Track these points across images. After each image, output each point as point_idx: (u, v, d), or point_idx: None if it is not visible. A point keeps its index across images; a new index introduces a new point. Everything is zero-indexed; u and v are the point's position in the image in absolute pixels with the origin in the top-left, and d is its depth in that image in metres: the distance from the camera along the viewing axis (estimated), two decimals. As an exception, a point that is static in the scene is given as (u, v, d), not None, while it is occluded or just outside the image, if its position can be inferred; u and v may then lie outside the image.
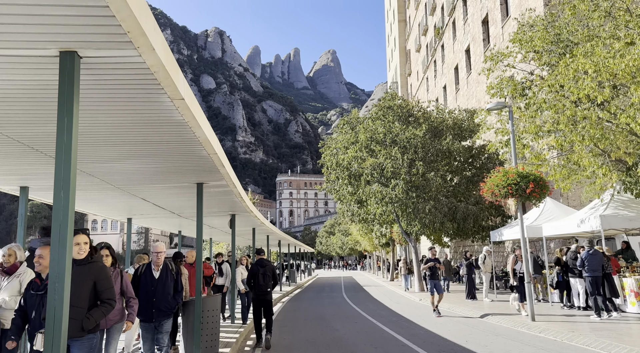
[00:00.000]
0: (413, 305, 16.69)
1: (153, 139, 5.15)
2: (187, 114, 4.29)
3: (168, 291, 5.51)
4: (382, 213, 20.78)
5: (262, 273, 8.97)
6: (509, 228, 16.84)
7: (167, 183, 7.70)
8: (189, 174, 7.11)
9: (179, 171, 6.87)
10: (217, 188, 8.30)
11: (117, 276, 4.92)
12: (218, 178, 7.42)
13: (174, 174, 7.06)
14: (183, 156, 5.97)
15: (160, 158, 6.01)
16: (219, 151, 5.96)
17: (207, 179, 7.51)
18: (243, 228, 17.19)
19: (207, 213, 11.78)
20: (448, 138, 19.98)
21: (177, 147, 5.52)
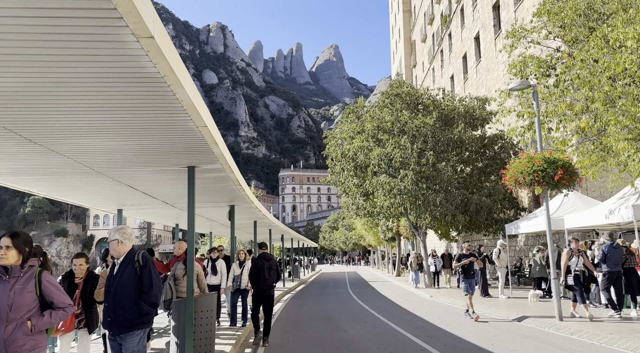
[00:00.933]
0: (424, 303, 15.74)
1: (124, 105, 4.17)
2: (161, 62, 3.31)
3: (125, 294, 3.97)
4: (389, 205, 19.79)
5: (268, 267, 8.68)
6: (526, 221, 15.81)
7: (153, 166, 6.73)
8: (177, 154, 6.13)
9: (165, 151, 5.90)
10: (212, 172, 7.33)
11: None
12: (211, 159, 6.45)
13: (160, 155, 6.09)
14: (166, 129, 5.00)
15: (138, 132, 5.04)
16: (209, 122, 4.98)
17: (198, 161, 6.54)
18: (244, 221, 16.24)
19: (203, 203, 10.82)
20: (460, 126, 18.94)
21: (157, 116, 4.53)
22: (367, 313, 13.12)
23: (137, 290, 4.02)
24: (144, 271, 4.06)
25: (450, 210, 18.01)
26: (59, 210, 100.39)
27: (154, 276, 4.07)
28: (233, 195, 9.95)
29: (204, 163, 6.65)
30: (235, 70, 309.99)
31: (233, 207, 11.48)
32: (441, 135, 19.06)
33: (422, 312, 12.96)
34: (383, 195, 18.94)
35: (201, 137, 5.28)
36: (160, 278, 4.15)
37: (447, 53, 37.90)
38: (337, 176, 23.51)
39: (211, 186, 8.74)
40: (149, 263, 4.06)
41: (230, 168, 7.11)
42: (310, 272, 46.05)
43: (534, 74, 11.72)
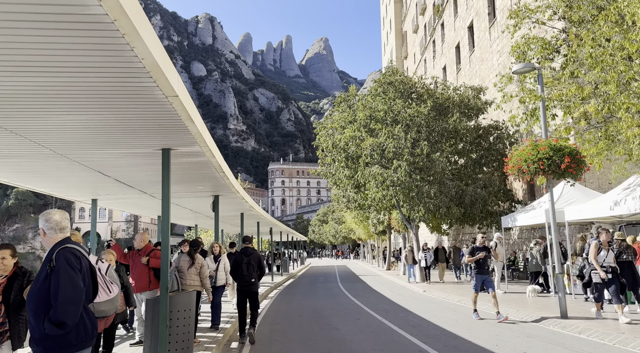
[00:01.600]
0: (418, 298, 15.15)
1: (71, 63, 3.38)
2: None
3: (30, 305, 2.97)
4: (382, 197, 19.15)
5: (247, 262, 8.31)
6: (523, 213, 15.28)
7: (122, 148, 5.95)
8: (148, 134, 5.36)
9: (133, 128, 5.13)
10: (190, 156, 6.57)
11: None
12: (188, 140, 5.69)
13: (128, 134, 5.32)
14: (130, 99, 4.23)
15: (97, 103, 4.26)
16: (181, 92, 4.22)
17: (174, 142, 5.78)
18: (230, 213, 15.49)
19: (184, 192, 10.05)
20: (455, 116, 18.31)
21: (116, 80, 3.76)
22: (359, 310, 12.48)
23: (45, 302, 2.94)
24: (53, 276, 2.94)
25: (445, 202, 17.42)
26: (43, 203, 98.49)
27: (65, 284, 2.91)
28: (217, 184, 9.20)
29: (180, 144, 5.88)
30: (224, 62, 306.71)
31: (217, 197, 10.74)
32: (435, 125, 18.43)
33: (417, 308, 12.35)
34: (375, 187, 18.28)
35: (173, 111, 4.51)
36: (81, 288, 3.00)
37: (440, 43, 37.27)
38: (327, 167, 22.81)
39: (191, 174, 7.98)
40: (62, 264, 2.95)
41: (212, 152, 6.35)
42: (299, 266, 45.43)
43: (536, 58, 11.08)
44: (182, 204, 12.28)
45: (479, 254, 10.03)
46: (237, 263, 8.30)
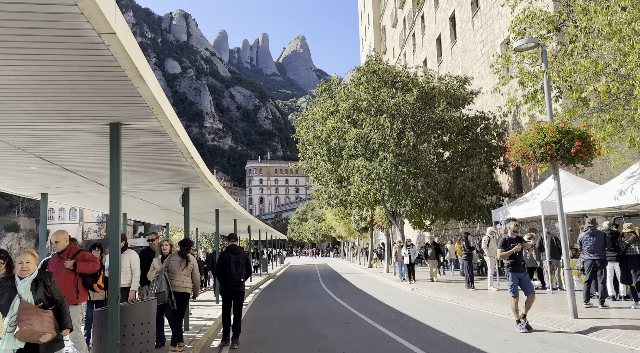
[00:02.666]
0: (407, 297, 14.20)
1: None
2: None
3: None
4: (366, 192, 18.16)
5: (235, 261, 7.88)
6: (516, 206, 14.50)
7: (60, 122, 4.73)
8: (89, 99, 4.17)
9: (66, 90, 3.92)
10: (148, 134, 5.37)
11: None
12: (142, 111, 4.51)
13: (61, 99, 4.11)
14: (52, 41, 3.04)
15: (11, 45, 3.06)
16: (121, 30, 3.05)
17: (124, 113, 4.60)
18: (203, 210, 14.21)
19: (148, 184, 8.80)
20: (442, 105, 17.44)
21: (26, 9, 2.58)
22: (346, 313, 11.43)
23: None
24: None
25: (432, 196, 16.54)
26: (9, 203, 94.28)
27: None
28: (186, 174, 8.00)
29: (132, 117, 4.69)
30: (200, 59, 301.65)
31: (187, 191, 9.51)
32: (422, 115, 17.52)
33: (409, 309, 11.38)
34: (360, 180, 17.25)
35: (112, 60, 3.34)
36: None
37: (420, 36, 36.59)
38: (308, 161, 21.71)
39: (154, 160, 6.76)
40: None
41: (174, 129, 5.17)
42: (278, 265, 44.21)
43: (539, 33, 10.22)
44: (148, 199, 10.99)
45: (513, 246, 7.85)
46: (225, 262, 7.83)
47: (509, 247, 7.92)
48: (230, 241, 8.24)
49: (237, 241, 8.34)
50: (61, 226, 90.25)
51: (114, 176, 4.84)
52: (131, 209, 13.10)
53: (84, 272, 5.29)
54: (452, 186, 16.86)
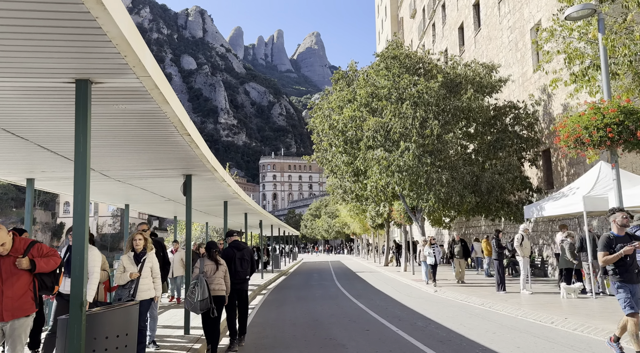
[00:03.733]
0: (432, 300, 13.02)
1: None
2: None
3: None
4: (384, 185, 16.98)
5: (240, 258, 7.50)
6: (552, 202, 13.18)
7: (17, 75, 3.68)
8: (50, 46, 3.10)
9: (22, 34, 2.87)
10: (128, 98, 4.30)
11: None
12: (114, 62, 3.44)
13: (18, 46, 3.05)
14: None
15: None
16: None
17: (92, 65, 3.52)
18: (211, 202, 13.19)
19: (145, 170, 7.77)
20: (469, 92, 16.14)
21: None
22: (365, 316, 10.30)
23: None
24: None
25: (458, 190, 15.28)
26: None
27: None
28: (185, 157, 6.95)
29: (103, 71, 3.62)
30: (215, 56, 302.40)
31: (189, 178, 8.46)
32: (447, 103, 16.25)
33: (436, 314, 10.20)
34: (378, 173, 16.03)
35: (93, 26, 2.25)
36: None
37: (440, 26, 35.13)
38: (323, 153, 20.58)
39: (143, 136, 5.71)
40: None
41: (161, 92, 4.10)
42: (291, 262, 43.25)
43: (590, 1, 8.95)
44: (149, 188, 9.99)
45: (621, 247, 5.55)
46: (229, 258, 7.43)
47: (615, 249, 5.58)
48: (233, 237, 7.74)
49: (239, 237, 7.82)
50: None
51: (81, 148, 3.78)
52: (133, 199, 12.14)
53: (44, 271, 3.99)
54: (480, 179, 15.59)
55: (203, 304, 6.50)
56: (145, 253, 6.23)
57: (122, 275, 6.01)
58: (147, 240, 6.41)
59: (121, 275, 6.01)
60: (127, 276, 5.97)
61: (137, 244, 6.21)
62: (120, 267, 6.12)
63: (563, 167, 17.77)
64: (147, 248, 6.31)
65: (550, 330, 8.02)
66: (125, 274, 6.01)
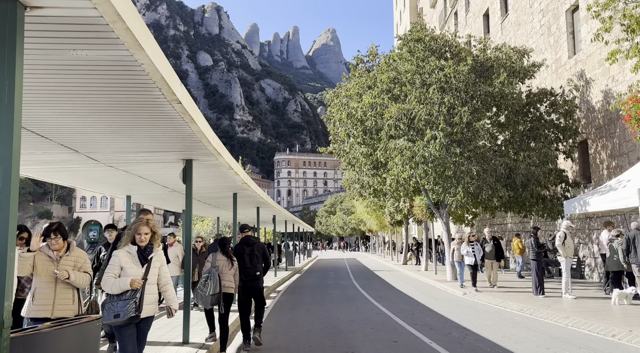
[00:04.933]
0: (462, 304, 11.73)
1: None
2: None
3: None
4: (407, 178, 15.69)
5: (249, 253, 7.22)
6: (598, 196, 11.75)
7: None
8: None
9: None
10: (83, 36, 3.14)
11: None
12: None
13: None
14: None
15: None
16: None
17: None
18: (219, 193, 12.08)
19: (137, 152, 6.65)
20: (502, 76, 14.73)
21: None
22: (391, 324, 9.08)
23: None
24: None
25: (490, 183, 13.91)
26: (43, 191, 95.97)
27: None
28: (180, 135, 5.81)
29: None
30: (231, 52, 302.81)
31: (190, 164, 7.33)
32: (477, 89, 14.86)
33: (472, 323, 8.93)
34: (401, 165, 14.69)
35: None
36: None
37: (463, 14, 33.55)
38: (340, 145, 19.35)
39: (120, 100, 4.56)
40: None
41: (132, 34, 2.92)
42: (305, 259, 42.18)
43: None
44: (148, 176, 8.90)
45: None
46: (238, 254, 7.20)
47: None
48: (244, 232, 7.49)
49: (251, 232, 7.59)
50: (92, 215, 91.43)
51: (5, 98, 2.64)
52: (134, 190, 11.09)
53: None
54: (514, 172, 14.20)
55: (214, 299, 6.40)
56: (152, 250, 4.56)
57: (116, 281, 4.24)
58: (155, 232, 4.65)
59: (115, 279, 4.25)
60: (126, 282, 4.22)
61: (141, 239, 4.46)
62: (114, 267, 4.35)
63: (603, 159, 16.25)
64: (155, 244, 4.61)
65: (616, 346, 6.71)
66: (123, 279, 4.25)
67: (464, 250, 13.51)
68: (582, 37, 17.34)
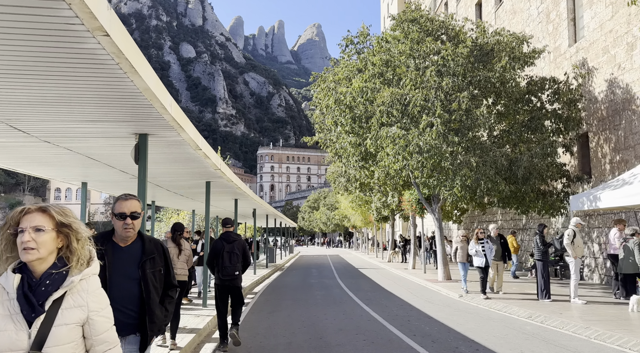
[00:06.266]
0: (460, 308, 10.54)
1: None
2: None
3: None
4: (399, 170, 14.47)
5: (229, 251, 6.82)
6: (610, 190, 10.68)
7: None
8: None
9: None
10: None
11: None
12: None
13: None
14: None
15: None
16: None
17: None
18: (190, 181, 10.60)
19: (76, 122, 5.19)
20: (504, 61, 13.57)
21: None
22: (385, 334, 7.81)
23: None
24: None
25: (489, 176, 12.75)
26: (15, 182, 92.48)
27: None
28: (127, 98, 4.40)
29: None
30: (214, 44, 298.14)
31: (144, 139, 5.89)
32: (476, 74, 13.68)
33: (479, 333, 7.72)
34: (393, 155, 13.41)
35: None
36: None
37: (454, 4, 32.47)
38: (326, 134, 18.03)
39: (32, 36, 3.13)
40: None
41: None
42: (287, 255, 40.82)
43: None
44: (98, 157, 7.41)
45: None
46: (217, 251, 6.96)
47: None
48: (226, 228, 7.10)
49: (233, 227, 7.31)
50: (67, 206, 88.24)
51: None
52: (91, 176, 9.57)
53: None
54: (514, 164, 13.07)
55: None
56: (61, 281, 2.91)
57: None
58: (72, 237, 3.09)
59: None
60: None
61: (27, 253, 2.66)
62: None
63: (605, 153, 15.27)
64: (74, 263, 2.78)
65: None
66: None
67: (473, 250, 11.36)
68: (585, 24, 16.32)
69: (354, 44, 16.06)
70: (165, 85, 5.39)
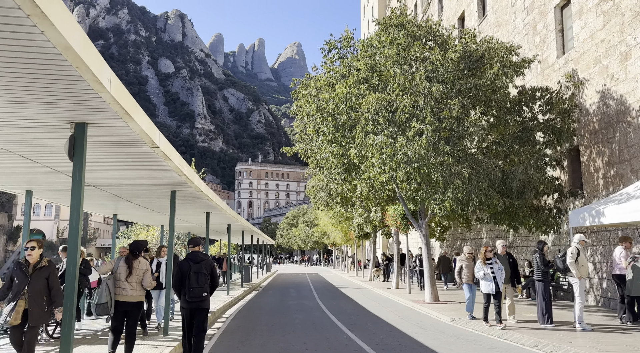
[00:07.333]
0: (456, 335, 9.43)
1: None
2: None
3: None
4: (384, 182, 13.47)
5: (196, 271, 6.57)
6: (614, 205, 9.86)
7: None
8: None
9: None
10: None
11: None
12: None
13: None
14: None
15: None
16: None
17: None
18: (155, 192, 9.34)
19: None
20: (495, 67, 12.84)
21: None
22: (375, 368, 6.64)
23: None
24: None
25: (482, 188, 11.83)
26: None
27: None
28: (52, 71, 3.25)
29: None
30: (194, 60, 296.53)
31: (82, 129, 4.70)
32: (466, 81, 12.90)
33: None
34: (379, 166, 12.39)
35: None
36: None
37: (436, 19, 32.29)
38: (307, 144, 16.97)
39: None
40: None
41: None
42: (264, 273, 39.18)
43: None
44: (38, 159, 6.16)
45: None
46: (183, 272, 6.62)
47: None
48: (191, 247, 6.93)
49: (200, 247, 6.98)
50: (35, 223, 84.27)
51: None
52: (34, 183, 8.22)
53: None
54: (508, 176, 12.21)
55: (100, 308, 6.23)
56: None
57: None
58: None
59: None
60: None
61: None
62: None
63: (598, 168, 14.60)
64: None
65: None
66: None
67: (480, 272, 9.71)
68: (575, 34, 15.83)
69: (337, 49, 15.17)
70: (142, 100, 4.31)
